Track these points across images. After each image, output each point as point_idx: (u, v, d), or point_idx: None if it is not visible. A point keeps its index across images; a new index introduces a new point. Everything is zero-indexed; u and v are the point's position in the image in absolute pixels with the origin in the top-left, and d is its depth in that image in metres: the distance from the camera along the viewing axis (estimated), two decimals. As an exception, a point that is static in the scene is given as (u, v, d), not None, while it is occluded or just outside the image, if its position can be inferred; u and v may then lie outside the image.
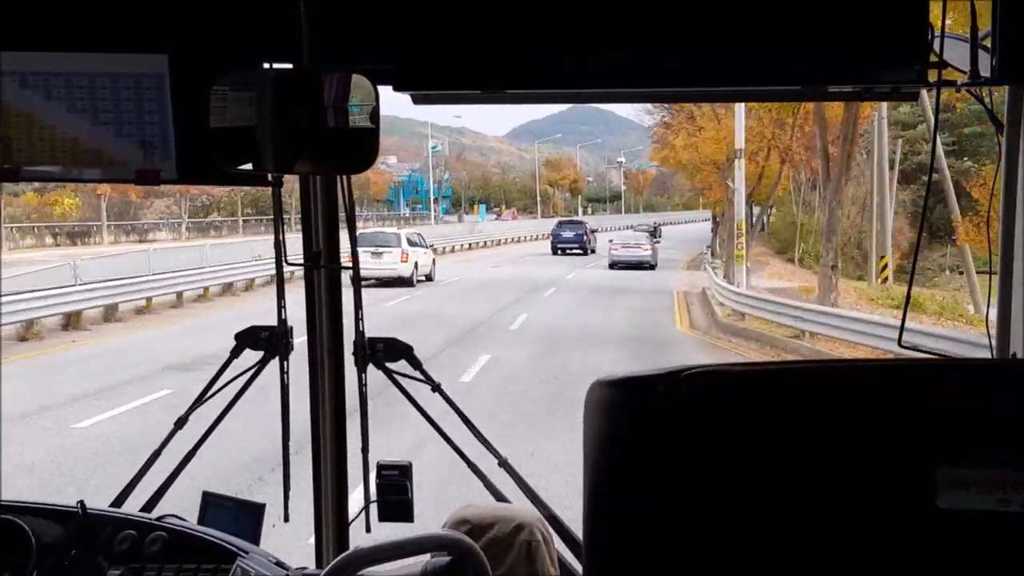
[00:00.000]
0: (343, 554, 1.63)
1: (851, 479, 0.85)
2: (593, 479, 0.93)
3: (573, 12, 1.92)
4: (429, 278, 32.53)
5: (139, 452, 2.69)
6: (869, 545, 0.85)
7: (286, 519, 2.59)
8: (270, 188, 2.27)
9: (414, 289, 29.34)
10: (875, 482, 0.85)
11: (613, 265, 40.36)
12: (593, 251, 49.30)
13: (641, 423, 0.90)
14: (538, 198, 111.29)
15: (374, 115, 1.93)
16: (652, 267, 40.19)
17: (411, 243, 31.49)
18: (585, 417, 0.94)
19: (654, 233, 69.64)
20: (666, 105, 36.48)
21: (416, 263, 31.13)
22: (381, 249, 29.51)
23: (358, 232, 2.45)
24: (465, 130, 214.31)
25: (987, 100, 2.11)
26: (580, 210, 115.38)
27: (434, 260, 34.17)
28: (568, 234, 51.60)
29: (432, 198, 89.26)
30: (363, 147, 1.97)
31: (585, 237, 50.83)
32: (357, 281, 2.43)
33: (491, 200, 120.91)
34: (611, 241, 44.19)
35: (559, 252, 49.98)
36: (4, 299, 16.70)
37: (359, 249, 2.41)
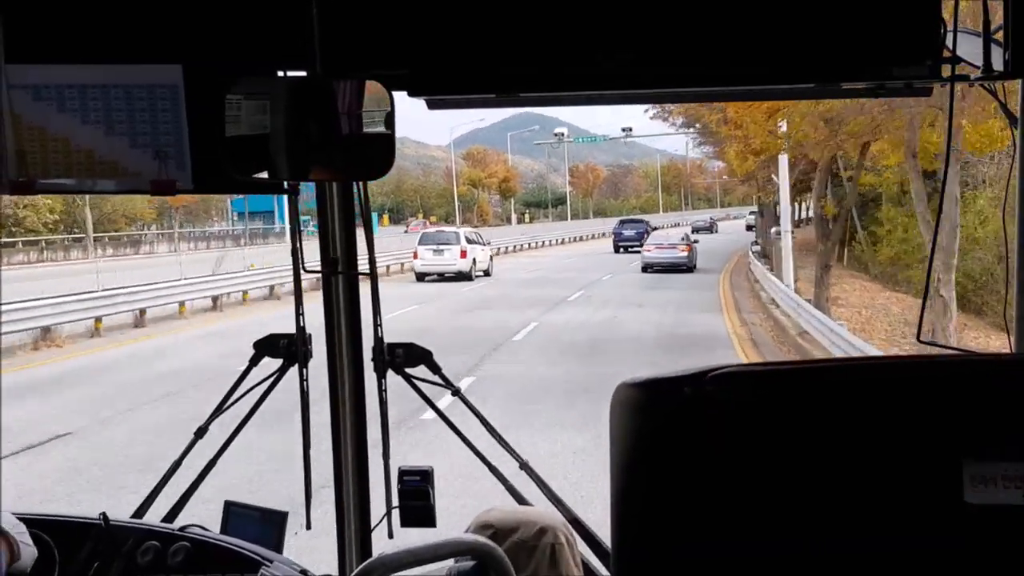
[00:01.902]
0: (367, 560, 1.62)
1: (878, 475, 0.85)
2: (620, 481, 0.93)
3: (585, 15, 1.92)
4: (487, 273, 35.20)
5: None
6: (898, 540, 0.85)
7: (308, 526, 2.59)
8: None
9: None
10: (903, 478, 0.85)
11: (646, 268, 36.59)
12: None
13: (668, 424, 0.89)
14: (456, 202, 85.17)
15: (389, 121, 1.93)
16: (690, 269, 36.23)
17: (469, 241, 34.75)
18: (611, 418, 0.93)
19: (711, 228, 74.96)
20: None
21: (474, 259, 34.17)
22: (442, 247, 33.39)
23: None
24: (406, 140, 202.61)
25: (1000, 94, 2.10)
26: (513, 217, 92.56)
27: (491, 256, 37.23)
28: (629, 232, 53.43)
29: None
30: (379, 153, 1.97)
31: (645, 235, 50.56)
32: (375, 287, 2.43)
33: (405, 208, 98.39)
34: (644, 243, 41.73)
35: (621, 250, 51.21)
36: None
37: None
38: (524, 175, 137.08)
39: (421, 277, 33.28)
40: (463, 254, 33.60)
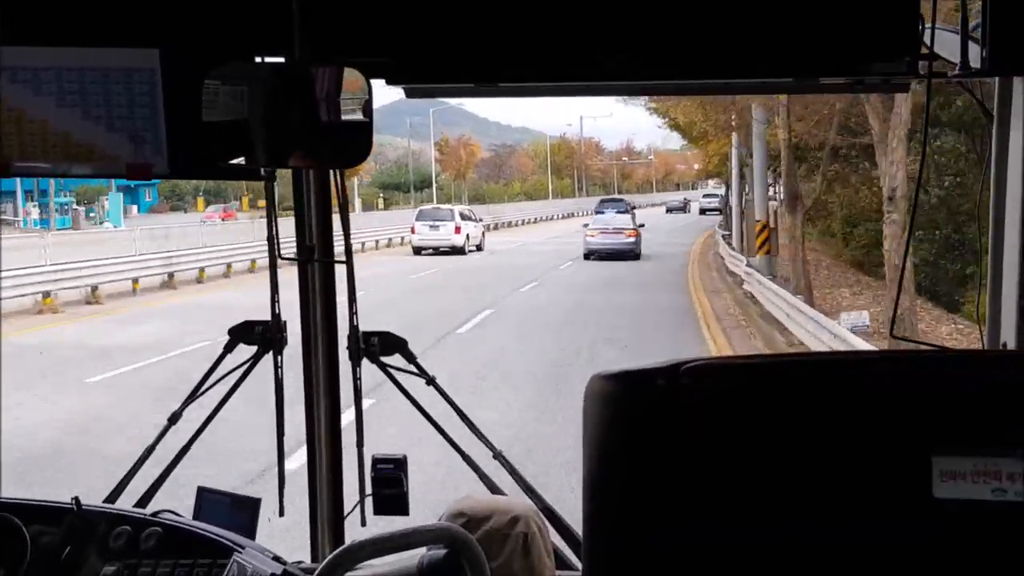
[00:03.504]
0: (340, 547, 1.63)
1: (849, 470, 0.86)
2: (593, 471, 0.93)
3: (566, 6, 1.93)
4: (479, 248, 38.20)
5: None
6: (867, 535, 0.85)
7: (281, 513, 2.58)
8: None
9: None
10: (872, 472, 0.86)
11: (588, 255, 32.96)
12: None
13: (641, 416, 0.90)
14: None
15: (367, 109, 1.93)
16: (636, 256, 32.98)
17: (464, 217, 37.84)
18: (584, 410, 0.93)
19: (684, 208, 75.33)
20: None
21: (467, 235, 36.99)
22: (438, 223, 36.51)
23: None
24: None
25: (977, 91, 2.11)
26: (358, 203, 65.09)
27: (483, 232, 40.31)
28: (611, 212, 52.41)
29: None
30: (357, 141, 1.97)
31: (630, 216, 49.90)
32: (351, 275, 2.42)
33: (230, 189, 74.98)
34: (585, 226, 36.82)
35: None
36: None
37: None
38: (390, 154, 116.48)
39: (418, 251, 35.80)
40: (457, 230, 36.16)
